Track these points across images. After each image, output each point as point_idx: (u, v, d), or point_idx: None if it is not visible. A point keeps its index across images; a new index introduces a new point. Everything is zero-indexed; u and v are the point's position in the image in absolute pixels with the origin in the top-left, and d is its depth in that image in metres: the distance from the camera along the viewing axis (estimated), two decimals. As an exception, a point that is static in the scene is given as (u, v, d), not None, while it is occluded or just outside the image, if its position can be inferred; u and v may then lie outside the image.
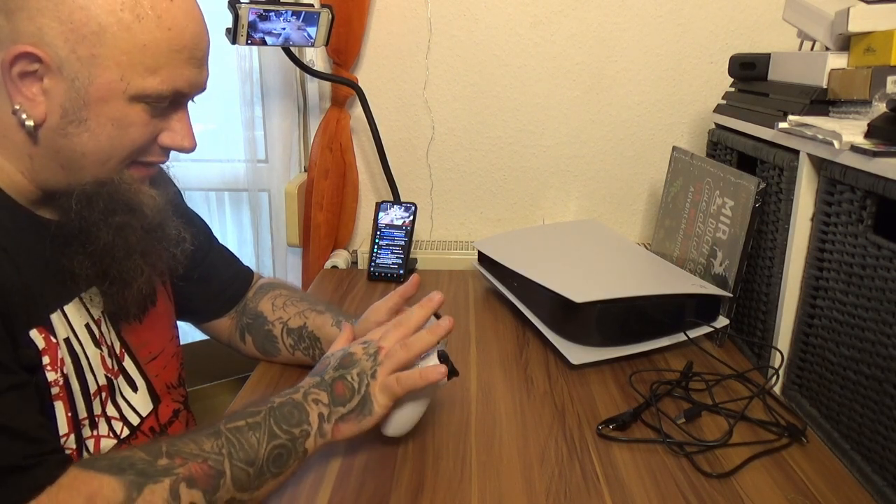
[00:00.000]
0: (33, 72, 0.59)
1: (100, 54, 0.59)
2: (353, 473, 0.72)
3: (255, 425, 0.63)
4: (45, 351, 0.61)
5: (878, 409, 0.73)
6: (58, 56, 0.58)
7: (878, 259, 0.73)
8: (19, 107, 0.60)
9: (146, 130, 0.65)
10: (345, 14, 1.33)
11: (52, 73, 0.59)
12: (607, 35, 1.42)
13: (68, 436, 0.63)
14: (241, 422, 0.63)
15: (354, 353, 0.71)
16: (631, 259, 1.20)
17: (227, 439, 0.61)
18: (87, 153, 0.63)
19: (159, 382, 0.78)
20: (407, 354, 0.70)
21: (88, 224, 0.65)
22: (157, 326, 0.80)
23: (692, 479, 0.71)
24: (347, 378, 0.69)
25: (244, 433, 0.62)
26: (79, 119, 0.61)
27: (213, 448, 0.59)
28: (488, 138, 1.50)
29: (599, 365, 0.96)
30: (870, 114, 0.83)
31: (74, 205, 0.64)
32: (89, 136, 0.62)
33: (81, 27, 0.58)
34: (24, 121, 0.60)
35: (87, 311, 0.68)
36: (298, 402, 0.67)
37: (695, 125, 1.47)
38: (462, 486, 0.70)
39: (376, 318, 0.83)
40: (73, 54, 0.59)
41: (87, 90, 0.60)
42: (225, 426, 0.62)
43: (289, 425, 0.64)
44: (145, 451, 0.57)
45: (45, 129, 0.61)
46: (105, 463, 0.55)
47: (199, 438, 0.60)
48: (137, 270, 0.70)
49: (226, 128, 1.54)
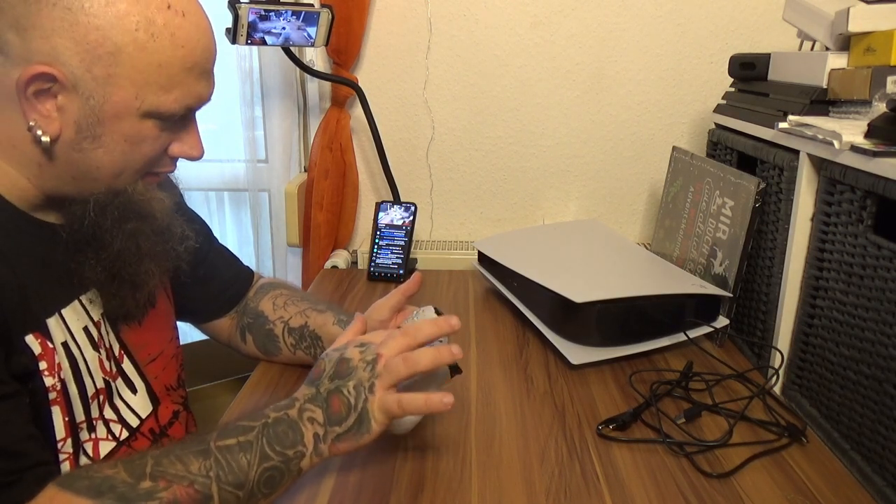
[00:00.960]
0: (48, 89, 0.59)
1: (115, 74, 0.60)
2: (353, 473, 0.72)
3: (247, 445, 0.60)
4: (42, 356, 0.60)
5: (878, 409, 0.73)
6: (73, 75, 0.59)
7: (878, 259, 0.73)
8: (34, 123, 0.60)
9: (157, 144, 0.66)
10: (345, 14, 1.33)
11: (67, 91, 0.59)
12: (607, 35, 1.42)
13: (65, 440, 0.63)
14: (231, 440, 0.59)
15: (351, 360, 0.67)
16: (631, 259, 1.20)
17: (216, 460, 0.58)
18: (101, 167, 0.64)
19: (158, 384, 0.78)
20: (407, 371, 0.65)
21: (102, 231, 0.66)
22: (156, 328, 0.80)
23: (692, 479, 0.71)
24: (343, 392, 0.65)
25: (234, 454, 0.59)
26: (93, 135, 0.62)
27: (200, 470, 0.56)
28: (488, 138, 1.50)
29: (599, 365, 0.96)
30: (870, 114, 0.83)
31: (90, 212, 0.65)
32: (104, 151, 0.63)
33: (97, 47, 0.58)
34: (40, 137, 0.60)
35: (87, 313, 0.68)
36: (293, 421, 0.63)
37: (695, 125, 1.47)
38: (462, 486, 0.70)
39: (378, 317, 0.83)
40: (89, 73, 0.59)
41: (103, 108, 0.61)
42: (215, 444, 0.59)
43: (282, 447, 0.61)
44: (128, 470, 0.54)
45: (60, 143, 0.62)
46: (85, 483, 0.53)
47: (187, 457, 0.57)
48: (148, 274, 0.71)
49: (226, 128, 1.54)
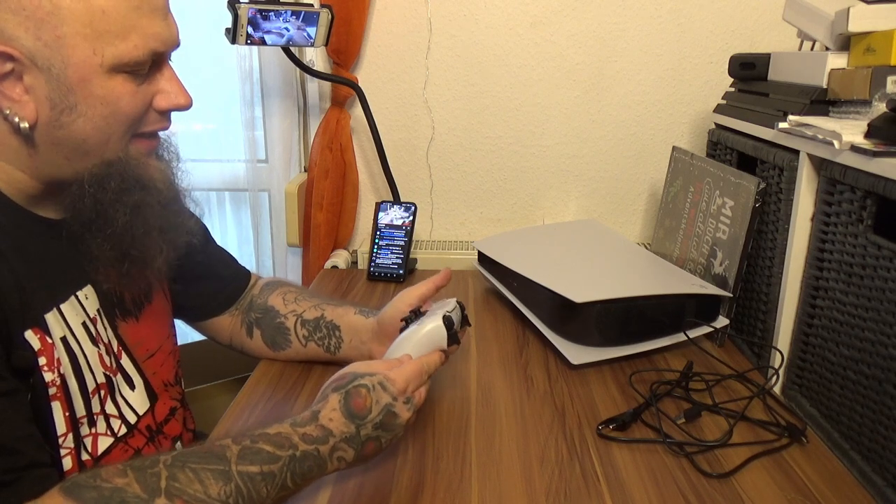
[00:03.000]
0: (10, 72, 0.58)
1: (64, 34, 0.58)
2: (353, 473, 0.72)
3: (270, 476, 0.57)
4: (42, 352, 0.60)
5: (878, 409, 0.73)
6: (25, 48, 0.58)
7: (878, 259, 0.73)
8: (9, 111, 0.59)
9: (137, 99, 0.64)
10: (345, 14, 1.33)
11: (28, 67, 0.58)
12: (607, 35, 1.42)
13: (66, 435, 0.63)
14: (255, 467, 0.56)
15: (399, 416, 0.66)
16: (631, 259, 1.19)
17: (237, 487, 0.54)
18: (87, 138, 0.63)
19: (156, 380, 0.78)
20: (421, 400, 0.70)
21: (104, 206, 0.65)
22: (153, 324, 0.80)
23: (692, 479, 0.71)
24: (382, 441, 0.65)
25: (257, 483, 0.56)
26: (68, 106, 0.60)
27: (220, 495, 0.53)
28: (488, 138, 1.50)
29: (599, 365, 0.96)
30: (870, 114, 0.83)
31: (87, 188, 0.63)
32: (84, 120, 0.62)
33: (36, 11, 0.57)
34: (19, 124, 0.59)
35: (83, 308, 0.68)
36: (323, 459, 0.61)
37: (695, 125, 1.47)
38: (462, 486, 0.70)
39: (406, 302, 0.84)
40: (39, 41, 0.58)
41: (66, 74, 0.59)
42: (236, 468, 0.55)
43: (303, 479, 0.60)
44: (141, 483, 0.51)
45: (40, 126, 0.61)
46: (93, 495, 0.49)
47: (206, 477, 0.53)
48: (157, 248, 0.70)
49: (226, 128, 1.54)
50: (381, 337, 0.86)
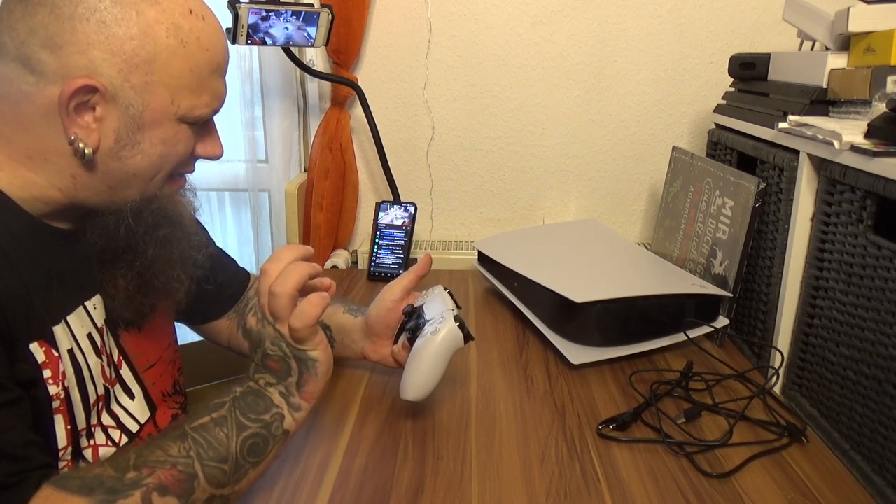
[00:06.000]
0: (86, 102, 0.60)
1: (152, 81, 0.62)
2: (353, 474, 0.72)
3: (221, 420, 0.61)
4: (46, 364, 0.60)
5: (878, 409, 0.73)
6: (112, 85, 0.60)
7: (878, 259, 0.73)
8: (75, 137, 0.60)
9: (189, 145, 0.68)
10: (345, 14, 1.33)
11: (107, 101, 0.61)
12: (607, 35, 1.42)
13: (66, 448, 0.63)
14: (205, 418, 0.61)
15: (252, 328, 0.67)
16: (631, 259, 1.19)
17: (194, 440, 0.59)
18: (138, 173, 0.65)
19: (155, 390, 0.78)
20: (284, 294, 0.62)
21: (136, 239, 0.67)
22: (155, 334, 0.80)
23: (692, 479, 0.71)
24: (268, 351, 0.65)
25: (210, 430, 0.60)
26: (132, 142, 0.63)
27: (180, 452, 0.58)
28: (488, 138, 1.50)
29: (599, 365, 0.96)
30: (870, 114, 0.83)
31: (124, 220, 0.66)
32: (142, 157, 0.64)
33: (133, 57, 0.60)
34: (83, 149, 0.61)
35: (91, 319, 0.68)
36: (257, 390, 0.64)
37: (695, 125, 1.47)
38: (462, 486, 0.70)
39: (391, 297, 0.84)
40: (127, 83, 0.61)
41: (142, 115, 0.62)
42: (189, 426, 0.60)
43: (256, 413, 0.62)
44: (114, 466, 0.56)
45: (99, 154, 0.62)
46: (76, 483, 0.54)
47: (165, 444, 0.58)
48: (179, 280, 0.72)
49: (226, 128, 1.53)
50: (371, 335, 0.87)
